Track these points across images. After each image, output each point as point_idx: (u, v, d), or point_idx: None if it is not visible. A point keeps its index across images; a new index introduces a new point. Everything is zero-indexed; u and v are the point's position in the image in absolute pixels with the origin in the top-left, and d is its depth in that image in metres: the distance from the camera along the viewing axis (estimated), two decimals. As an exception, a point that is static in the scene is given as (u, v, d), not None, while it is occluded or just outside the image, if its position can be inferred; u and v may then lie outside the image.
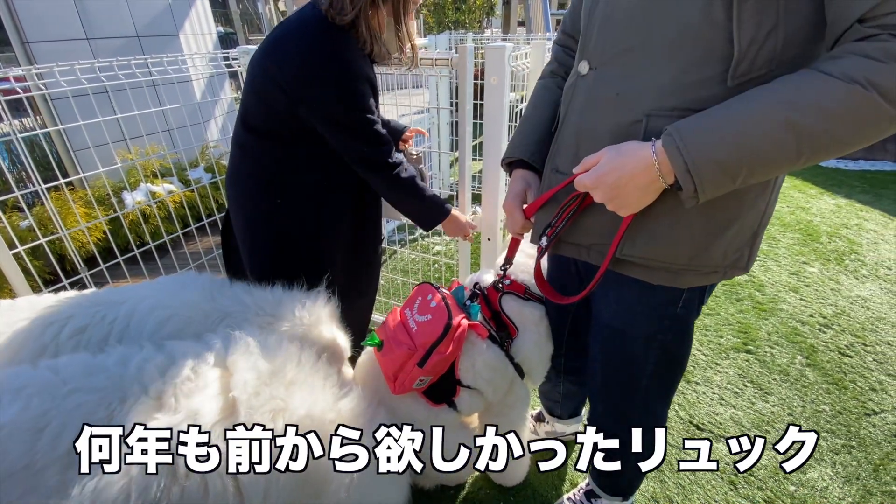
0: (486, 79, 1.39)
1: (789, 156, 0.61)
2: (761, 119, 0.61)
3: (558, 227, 0.89)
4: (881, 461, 1.55)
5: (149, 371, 0.80)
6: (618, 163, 0.72)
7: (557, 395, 1.46)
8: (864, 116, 0.57)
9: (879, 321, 2.24)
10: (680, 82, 0.71)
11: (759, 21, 0.64)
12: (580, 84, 0.84)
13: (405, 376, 1.10)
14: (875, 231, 3.15)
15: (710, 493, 1.45)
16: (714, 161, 0.63)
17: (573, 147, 0.86)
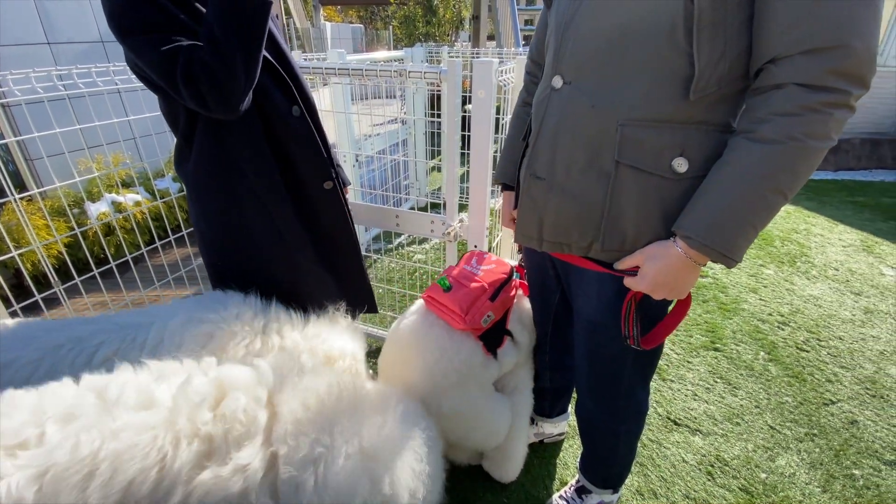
0: (473, 92, 1.44)
1: (781, 203, 0.77)
2: (755, 198, 0.75)
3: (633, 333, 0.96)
4: (841, 447, 1.68)
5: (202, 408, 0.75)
6: (658, 267, 0.84)
7: (546, 393, 1.52)
8: (815, 157, 0.73)
9: (831, 318, 2.43)
10: (649, 97, 0.81)
11: (712, 47, 0.76)
12: (554, 97, 0.92)
13: (477, 310, 1.23)
14: (822, 235, 3.41)
15: (691, 484, 1.53)
16: (736, 242, 0.77)
17: (550, 155, 0.93)
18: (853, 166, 5.30)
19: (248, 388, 0.79)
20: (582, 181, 0.89)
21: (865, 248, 3.21)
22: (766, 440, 1.70)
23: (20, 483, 0.60)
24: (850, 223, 3.64)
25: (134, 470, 0.65)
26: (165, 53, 0.91)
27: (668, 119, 0.81)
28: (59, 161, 1.74)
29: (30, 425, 0.66)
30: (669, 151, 0.82)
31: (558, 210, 0.94)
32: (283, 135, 1.15)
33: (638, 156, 0.83)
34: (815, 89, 0.69)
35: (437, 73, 1.44)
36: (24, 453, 0.63)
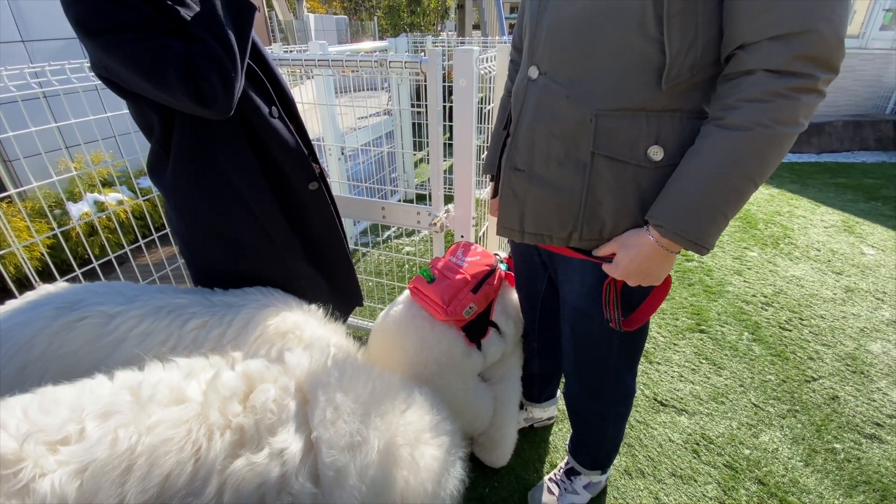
0: (454, 81, 1.44)
1: (751, 190, 0.77)
2: (725, 185, 0.75)
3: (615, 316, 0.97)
4: (822, 422, 1.73)
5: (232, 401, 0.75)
6: (631, 255, 0.86)
7: (535, 379, 1.54)
8: (784, 143, 0.73)
9: (812, 297, 2.48)
10: (622, 86, 0.81)
11: (683, 34, 0.76)
12: (531, 88, 0.92)
13: (459, 302, 1.25)
14: (804, 217, 3.47)
15: (677, 463, 1.57)
16: (706, 229, 0.78)
17: (529, 146, 0.94)
18: (836, 148, 5.37)
19: (275, 379, 0.80)
20: (560, 172, 0.90)
21: (847, 228, 3.27)
22: (749, 418, 1.75)
23: (63, 479, 0.61)
24: (832, 204, 3.70)
25: (171, 463, 0.66)
26: (154, 51, 0.88)
27: (642, 108, 0.81)
28: (37, 162, 1.71)
29: (71, 422, 0.67)
30: (644, 140, 0.83)
31: (538, 201, 0.95)
32: (265, 136, 1.13)
33: (613, 145, 0.84)
34: (784, 74, 0.69)
35: (418, 62, 1.43)
36: (65, 449, 0.65)
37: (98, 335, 1.02)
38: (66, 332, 1.01)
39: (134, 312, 1.05)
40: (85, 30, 0.89)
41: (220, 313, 1.08)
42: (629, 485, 1.50)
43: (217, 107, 0.95)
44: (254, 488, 0.67)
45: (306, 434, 0.75)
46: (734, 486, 1.49)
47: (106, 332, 1.02)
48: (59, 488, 0.60)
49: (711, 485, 1.50)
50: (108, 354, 1.01)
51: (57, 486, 0.60)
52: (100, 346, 1.01)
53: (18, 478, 0.60)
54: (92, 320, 1.03)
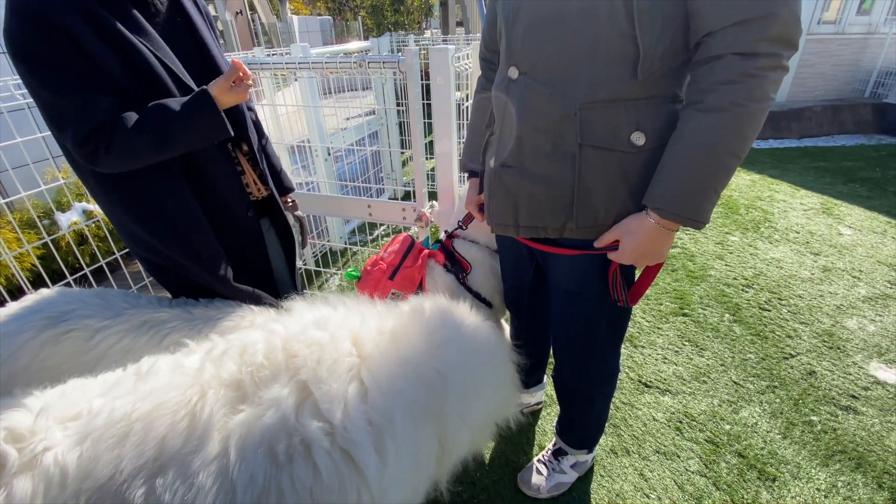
0: (431, 79, 1.48)
1: (736, 163, 0.83)
2: (712, 163, 0.81)
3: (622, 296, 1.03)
4: (800, 396, 1.79)
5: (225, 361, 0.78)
6: (637, 240, 0.90)
7: (522, 366, 1.58)
8: (759, 117, 0.79)
9: (791, 278, 2.55)
10: (600, 79, 0.86)
11: (652, 27, 0.82)
12: (512, 87, 0.96)
13: (380, 291, 1.32)
14: (784, 201, 3.55)
15: (661, 440, 1.63)
16: (701, 205, 0.84)
17: (517, 143, 0.97)
18: (815, 133, 5.47)
19: (264, 340, 0.82)
20: (550, 165, 0.94)
21: (825, 210, 3.35)
22: (730, 395, 1.81)
23: (64, 450, 0.65)
24: (812, 187, 3.79)
25: (165, 425, 0.67)
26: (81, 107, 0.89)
27: (622, 98, 0.87)
28: (25, 172, 1.73)
29: (82, 401, 0.72)
30: (626, 127, 0.88)
31: (531, 195, 0.99)
32: (203, 166, 1.12)
33: (599, 135, 0.89)
34: (751, 56, 0.75)
35: (396, 62, 1.47)
36: (72, 424, 0.69)
37: (81, 350, 1.02)
38: (52, 345, 1.02)
39: (118, 328, 1.05)
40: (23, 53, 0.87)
41: (198, 327, 1.08)
42: (615, 463, 1.56)
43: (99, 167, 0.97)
44: (258, 439, 0.68)
45: (296, 378, 0.75)
46: (715, 459, 1.55)
47: (89, 348, 1.02)
48: (60, 459, 0.64)
49: (694, 460, 1.56)
50: (89, 370, 0.99)
51: (59, 457, 0.64)
52: (83, 362, 1.01)
53: (29, 450, 0.65)
54: (77, 334, 1.03)
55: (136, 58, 0.95)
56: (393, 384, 0.78)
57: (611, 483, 1.50)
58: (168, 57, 1.02)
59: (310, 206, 1.93)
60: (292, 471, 0.68)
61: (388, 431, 0.74)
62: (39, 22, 0.85)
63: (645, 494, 1.46)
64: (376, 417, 0.74)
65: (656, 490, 1.47)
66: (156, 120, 0.95)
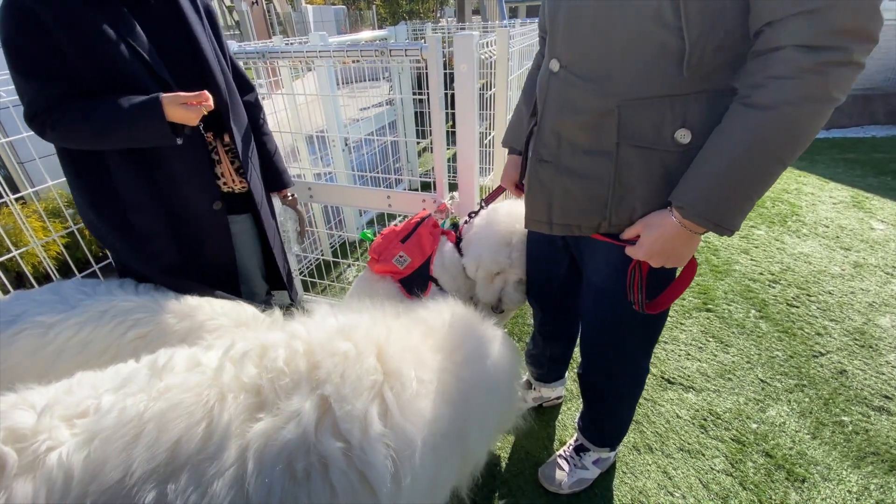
0: (455, 67, 1.44)
1: (779, 171, 0.75)
2: (751, 166, 0.73)
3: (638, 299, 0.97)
4: (830, 396, 1.74)
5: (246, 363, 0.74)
6: (654, 236, 0.85)
7: (545, 360, 1.57)
8: (815, 119, 0.70)
9: (821, 274, 2.47)
10: (642, 76, 0.81)
11: (702, 19, 0.75)
12: (553, 81, 0.93)
13: (388, 252, 1.38)
14: (812, 194, 3.44)
15: (685, 438, 1.60)
16: (732, 211, 0.76)
17: (555, 138, 0.95)
18: (845, 124, 5.28)
19: (285, 344, 0.78)
20: (587, 162, 0.91)
21: (856, 203, 3.24)
22: (756, 393, 1.76)
23: (70, 451, 0.61)
24: (841, 180, 3.66)
25: (180, 428, 0.64)
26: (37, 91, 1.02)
27: (666, 94, 0.81)
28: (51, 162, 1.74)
29: (90, 397, 0.68)
30: (670, 125, 0.82)
31: (566, 191, 0.95)
32: (169, 154, 1.15)
33: (638, 133, 0.84)
34: (815, 49, 0.66)
35: (419, 49, 1.44)
36: (80, 421, 0.65)
37: (36, 347, 1.00)
38: (7, 347, 1.00)
39: (72, 321, 1.03)
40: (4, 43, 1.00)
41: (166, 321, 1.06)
42: (638, 460, 1.53)
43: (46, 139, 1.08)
44: (277, 452, 0.65)
45: (318, 392, 0.72)
46: (742, 459, 1.52)
47: (45, 344, 1.01)
48: (65, 460, 0.60)
49: (719, 458, 1.52)
50: (50, 365, 0.99)
51: (64, 457, 0.60)
52: (40, 359, 1.00)
53: (31, 450, 0.61)
54: (30, 331, 1.02)
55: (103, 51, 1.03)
56: (414, 405, 0.76)
57: (633, 480, 1.47)
58: (145, 48, 1.07)
59: (329, 197, 1.92)
60: (309, 488, 0.66)
61: (405, 456, 0.72)
62: (23, 15, 0.97)
63: (669, 492, 1.43)
64: (395, 441, 0.72)
65: (680, 488, 1.44)
66: (102, 114, 1.03)
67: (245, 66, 1.84)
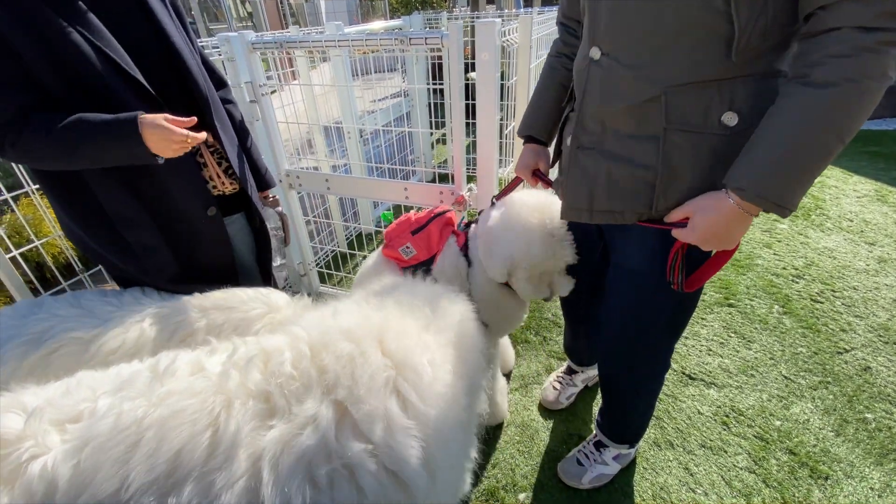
0: (476, 55, 1.42)
1: (838, 148, 0.73)
2: (813, 143, 0.72)
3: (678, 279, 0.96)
4: (854, 393, 1.70)
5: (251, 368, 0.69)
6: (710, 219, 0.83)
7: (583, 345, 1.60)
8: (874, 97, 0.70)
9: (845, 269, 2.42)
10: (689, 61, 0.80)
11: (751, 4, 0.74)
12: (594, 68, 0.91)
13: (398, 239, 1.38)
14: (836, 187, 3.35)
15: (706, 434, 1.58)
16: (794, 190, 0.75)
17: (598, 125, 0.94)
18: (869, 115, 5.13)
19: (290, 346, 0.75)
20: (633, 147, 0.90)
21: (880, 197, 3.15)
22: (780, 390, 1.73)
23: (56, 459, 0.55)
24: (865, 173, 3.56)
25: (182, 437, 0.59)
26: None
27: (714, 78, 0.80)
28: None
29: (86, 400, 0.62)
30: (717, 108, 0.82)
31: (610, 178, 0.94)
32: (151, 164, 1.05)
33: (686, 118, 0.83)
34: (872, 30, 0.66)
35: (439, 37, 1.41)
36: (72, 426, 0.59)
37: (76, 364, 0.93)
38: (42, 369, 0.93)
39: (114, 333, 0.98)
40: None
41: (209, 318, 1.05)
42: (658, 455, 1.52)
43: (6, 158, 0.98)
44: (295, 460, 0.61)
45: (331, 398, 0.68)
46: (765, 456, 1.49)
47: (87, 359, 0.94)
48: (50, 469, 0.54)
49: (742, 455, 1.50)
50: None
51: (49, 467, 0.55)
52: None
53: (13, 458, 0.55)
54: (67, 349, 0.95)
55: (65, 53, 0.92)
56: (433, 390, 0.74)
57: (654, 476, 1.46)
58: (111, 46, 0.97)
59: (346, 189, 1.91)
60: (333, 494, 0.62)
61: (436, 443, 0.69)
62: None
63: (690, 489, 1.42)
64: (422, 430, 0.69)
65: (702, 485, 1.43)
66: (68, 132, 0.92)
67: (262, 56, 1.83)
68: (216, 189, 1.23)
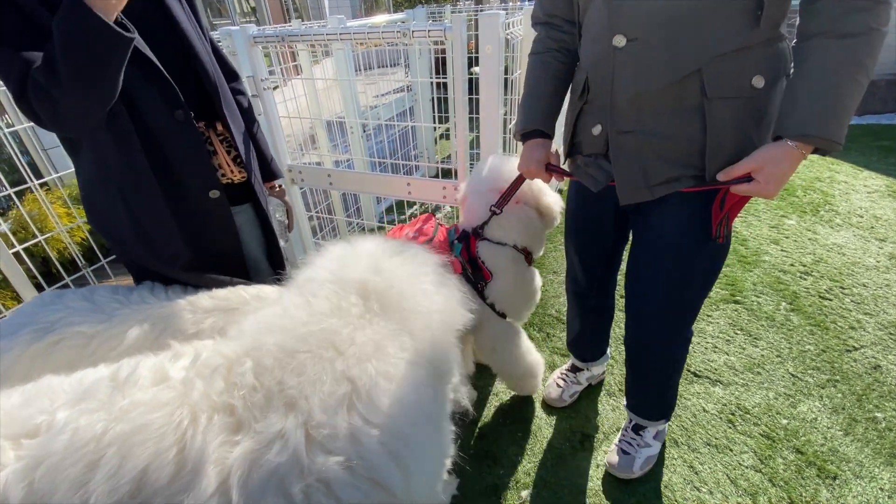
0: (480, 48, 1.40)
1: (865, 87, 0.83)
2: (851, 84, 0.82)
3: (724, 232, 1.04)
4: (863, 392, 1.68)
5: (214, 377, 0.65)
6: (783, 168, 0.88)
7: (588, 340, 1.60)
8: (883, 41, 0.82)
9: (855, 265, 2.38)
10: (721, 34, 0.88)
11: None
12: (620, 56, 0.95)
13: None
14: (846, 182, 3.30)
15: (711, 432, 1.56)
16: (843, 126, 0.84)
17: (635, 108, 0.98)
18: (879, 109, 5.04)
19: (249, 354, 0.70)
20: (674, 121, 0.96)
21: (891, 193, 3.10)
22: (787, 388, 1.71)
23: (8, 479, 0.51)
24: (876, 168, 3.50)
25: (148, 454, 0.54)
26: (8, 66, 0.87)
27: (744, 46, 0.88)
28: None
29: (44, 412, 0.57)
30: (748, 73, 0.91)
31: (658, 152, 0.99)
32: (163, 142, 1.07)
33: (724, 86, 0.91)
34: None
35: (442, 29, 1.39)
36: (28, 442, 0.54)
37: (77, 358, 0.93)
38: (44, 358, 0.93)
39: (115, 330, 0.97)
40: None
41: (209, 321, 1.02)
42: (663, 453, 1.50)
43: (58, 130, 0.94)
44: (265, 478, 0.58)
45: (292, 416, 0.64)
46: (771, 455, 1.48)
47: (86, 356, 0.94)
48: (1, 490, 0.50)
49: (748, 454, 1.48)
50: None
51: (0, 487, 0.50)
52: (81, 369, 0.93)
53: None
54: (69, 342, 0.95)
55: None
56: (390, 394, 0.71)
57: (658, 474, 1.44)
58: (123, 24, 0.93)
59: (349, 184, 1.90)
60: None
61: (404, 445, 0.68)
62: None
63: (695, 487, 1.40)
64: (388, 436, 0.67)
65: (707, 483, 1.41)
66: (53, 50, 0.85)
67: (264, 50, 1.82)
68: (225, 177, 1.24)
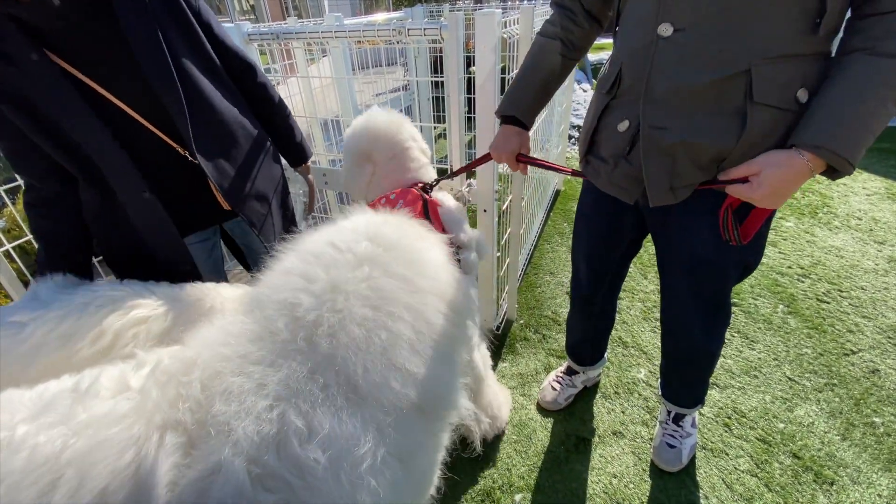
0: (476, 48, 1.38)
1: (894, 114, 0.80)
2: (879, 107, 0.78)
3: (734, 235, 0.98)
4: (861, 396, 1.67)
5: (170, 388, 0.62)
6: (781, 176, 0.84)
7: (589, 344, 1.59)
8: None
9: (853, 268, 2.37)
10: (778, 34, 0.82)
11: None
12: (664, 46, 0.89)
13: None
14: (845, 184, 3.29)
15: (707, 436, 1.55)
16: (860, 148, 0.80)
17: (675, 104, 0.92)
18: (879, 111, 5.03)
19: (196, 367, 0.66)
20: (711, 122, 0.90)
21: (890, 195, 3.09)
22: (784, 391, 1.70)
23: None
24: (875, 171, 3.50)
25: (106, 473, 0.52)
26: None
27: (797, 53, 0.83)
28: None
29: (5, 428, 0.54)
30: (795, 84, 0.85)
31: (689, 153, 0.94)
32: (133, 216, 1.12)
33: (769, 93, 0.85)
34: None
35: (437, 28, 1.38)
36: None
37: (11, 345, 0.91)
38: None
39: (51, 315, 0.94)
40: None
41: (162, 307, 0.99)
42: (658, 458, 1.49)
43: None
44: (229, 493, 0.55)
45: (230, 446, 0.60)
46: (767, 459, 1.46)
47: (20, 341, 0.91)
48: None
49: (744, 458, 1.47)
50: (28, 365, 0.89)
51: None
52: (16, 358, 0.90)
53: None
54: (2, 332, 0.92)
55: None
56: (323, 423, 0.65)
57: (652, 478, 1.43)
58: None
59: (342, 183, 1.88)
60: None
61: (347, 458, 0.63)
62: None
63: (690, 492, 1.39)
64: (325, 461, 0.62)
65: (702, 488, 1.40)
66: None
67: (259, 48, 1.80)
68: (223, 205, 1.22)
